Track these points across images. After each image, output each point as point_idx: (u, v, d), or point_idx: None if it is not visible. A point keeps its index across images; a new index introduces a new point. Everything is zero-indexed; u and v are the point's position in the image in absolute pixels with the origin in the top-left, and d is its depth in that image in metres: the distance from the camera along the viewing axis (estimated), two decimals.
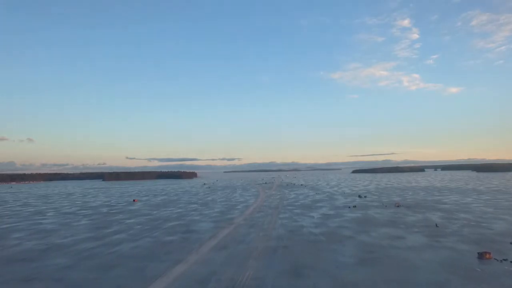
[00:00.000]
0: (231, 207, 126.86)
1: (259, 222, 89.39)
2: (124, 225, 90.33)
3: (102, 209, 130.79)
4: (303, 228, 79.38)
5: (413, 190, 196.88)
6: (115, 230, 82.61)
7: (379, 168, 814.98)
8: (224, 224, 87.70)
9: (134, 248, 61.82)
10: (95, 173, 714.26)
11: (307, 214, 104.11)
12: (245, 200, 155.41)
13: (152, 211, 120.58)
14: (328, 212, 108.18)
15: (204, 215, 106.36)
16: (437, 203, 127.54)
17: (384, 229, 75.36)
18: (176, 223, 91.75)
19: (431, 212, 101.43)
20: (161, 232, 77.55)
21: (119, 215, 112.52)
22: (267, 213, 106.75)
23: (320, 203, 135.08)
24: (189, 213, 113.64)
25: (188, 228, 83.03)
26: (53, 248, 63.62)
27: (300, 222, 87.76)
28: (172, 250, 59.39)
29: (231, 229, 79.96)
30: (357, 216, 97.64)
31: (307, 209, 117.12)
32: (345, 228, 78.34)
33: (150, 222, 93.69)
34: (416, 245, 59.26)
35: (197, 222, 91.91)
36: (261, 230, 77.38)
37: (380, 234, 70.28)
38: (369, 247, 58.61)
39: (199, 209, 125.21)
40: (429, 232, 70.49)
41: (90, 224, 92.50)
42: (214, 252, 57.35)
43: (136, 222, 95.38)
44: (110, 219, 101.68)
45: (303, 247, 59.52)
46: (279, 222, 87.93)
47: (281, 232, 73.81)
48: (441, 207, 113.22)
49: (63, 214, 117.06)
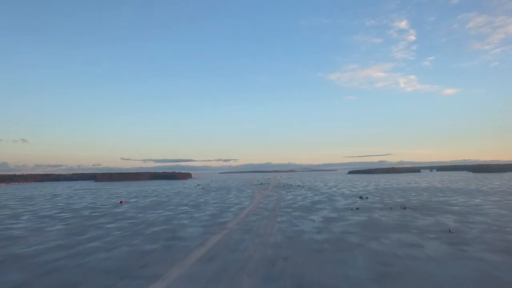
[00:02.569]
0: (225, 210, 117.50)
1: (255, 226, 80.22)
2: (103, 230, 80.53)
3: (83, 212, 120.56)
4: (304, 233, 70.33)
5: (415, 191, 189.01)
6: (90, 236, 72.82)
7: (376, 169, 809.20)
8: (215, 229, 78.38)
9: (106, 260, 52.25)
10: (87, 174, 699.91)
11: (307, 217, 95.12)
12: (240, 202, 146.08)
13: (138, 214, 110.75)
14: (329, 214, 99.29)
15: (194, 219, 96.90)
16: (444, 204, 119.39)
17: (395, 235, 66.58)
18: (162, 228, 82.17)
19: (442, 215, 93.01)
20: (142, 239, 67.96)
21: (101, 218, 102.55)
22: (263, 216, 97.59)
23: (320, 205, 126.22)
24: (178, 216, 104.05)
25: (174, 234, 73.52)
26: (9, 260, 53.81)
27: (300, 227, 78.73)
28: (151, 262, 49.95)
29: (222, 235, 70.66)
30: (362, 219, 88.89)
31: (306, 211, 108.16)
32: (351, 233, 69.42)
33: (133, 227, 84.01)
34: (438, 256, 50.48)
35: (185, 227, 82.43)
36: (256, 236, 68.19)
37: (392, 241, 61.47)
38: (383, 258, 49.73)
39: (190, 211, 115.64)
40: (448, 239, 61.84)
41: (64, 230, 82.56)
42: (200, 265, 48.06)
43: (117, 226, 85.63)
44: (89, 223, 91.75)
45: (306, 258, 50.46)
46: (277, 227, 78.82)
47: (280, 239, 64.69)
48: (451, 209, 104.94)
49: (39, 218, 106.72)
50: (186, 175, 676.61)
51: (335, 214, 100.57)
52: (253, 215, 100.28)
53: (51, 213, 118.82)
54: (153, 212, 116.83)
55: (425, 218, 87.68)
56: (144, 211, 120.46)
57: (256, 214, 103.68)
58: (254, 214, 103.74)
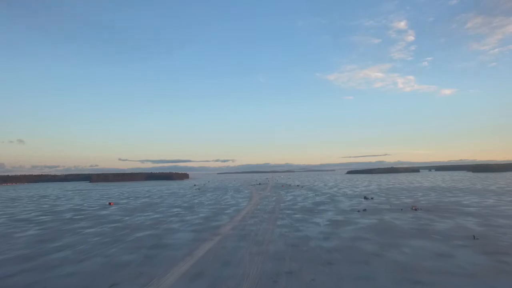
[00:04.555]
0: (220, 212, 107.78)
1: (252, 231, 70.60)
2: (79, 236, 70.64)
3: (65, 215, 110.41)
4: (310, 240, 60.79)
5: (421, 191, 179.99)
6: (62, 244, 62.91)
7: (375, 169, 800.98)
8: (207, 234, 68.68)
9: (69, 277, 42.44)
10: (82, 175, 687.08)
11: (310, 220, 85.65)
12: (237, 203, 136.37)
13: (124, 217, 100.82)
14: (335, 217, 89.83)
15: (185, 222, 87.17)
16: (457, 205, 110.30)
17: (416, 242, 57.21)
18: (147, 233, 72.38)
19: (460, 217, 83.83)
20: (121, 248, 58.17)
21: (82, 222, 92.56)
22: (261, 219, 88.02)
23: (322, 206, 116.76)
24: (168, 219, 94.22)
25: (159, 241, 63.75)
26: None
27: (304, 232, 69.20)
28: (122, 280, 40.20)
29: (215, 242, 60.99)
30: (372, 222, 79.53)
31: (309, 213, 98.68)
32: (365, 240, 59.98)
33: (114, 232, 74.15)
34: (477, 270, 41.06)
35: (173, 232, 72.66)
36: (254, 243, 58.59)
37: (414, 249, 52.06)
38: (410, 273, 40.27)
39: (181, 214, 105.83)
40: (480, 246, 52.51)
41: (36, 236, 72.57)
42: (183, 283, 38.42)
43: (97, 232, 75.74)
44: (67, 228, 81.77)
45: (315, 273, 40.88)
46: (278, 232, 69.24)
47: (281, 247, 55.12)
48: (467, 211, 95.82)
49: (14, 222, 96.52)
50: (183, 176, 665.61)
51: (341, 216, 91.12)
52: (250, 218, 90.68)
53: (30, 216, 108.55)
54: (141, 214, 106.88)
55: (443, 221, 78.41)
56: (132, 213, 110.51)
57: (253, 216, 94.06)
58: (252, 216, 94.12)
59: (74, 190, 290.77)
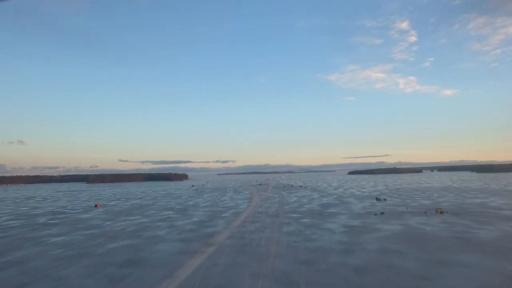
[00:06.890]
0: (216, 215, 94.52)
1: (253, 241, 57.31)
2: (40, 247, 57.28)
3: (40, 219, 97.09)
4: (327, 254, 47.49)
5: (434, 191, 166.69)
6: (11, 259, 49.58)
7: (377, 170, 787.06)
8: (197, 245, 55.38)
9: None
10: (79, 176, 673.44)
11: (322, 225, 72.36)
12: (236, 205, 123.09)
13: (106, 222, 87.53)
14: (350, 222, 76.53)
15: (174, 228, 73.92)
16: (485, 207, 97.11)
17: (466, 257, 43.89)
18: (124, 243, 59.02)
19: (501, 222, 70.55)
20: (82, 266, 44.79)
21: (54, 228, 79.26)
22: (264, 225, 74.76)
23: (332, 209, 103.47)
24: (155, 224, 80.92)
25: (136, 254, 50.40)
26: None
27: (317, 241, 55.94)
28: None
29: (206, 256, 47.65)
30: (397, 229, 66.24)
31: (318, 217, 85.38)
32: (399, 254, 46.65)
33: (85, 242, 60.83)
34: None
35: (156, 242, 59.34)
36: (256, 258, 45.29)
37: (473, 269, 38.72)
38: None
39: (172, 217, 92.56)
40: None
41: None
42: None
43: (65, 241, 62.42)
44: (31, 236, 68.43)
45: None
46: (285, 242, 55.95)
47: (292, 265, 41.82)
48: (503, 214, 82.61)
49: None
50: (182, 176, 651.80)
51: (357, 221, 77.81)
52: (251, 223, 77.39)
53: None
54: (126, 218, 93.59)
55: (482, 227, 65.12)
56: (117, 217, 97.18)
57: (255, 221, 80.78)
58: (253, 221, 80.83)
59: (65, 191, 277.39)
